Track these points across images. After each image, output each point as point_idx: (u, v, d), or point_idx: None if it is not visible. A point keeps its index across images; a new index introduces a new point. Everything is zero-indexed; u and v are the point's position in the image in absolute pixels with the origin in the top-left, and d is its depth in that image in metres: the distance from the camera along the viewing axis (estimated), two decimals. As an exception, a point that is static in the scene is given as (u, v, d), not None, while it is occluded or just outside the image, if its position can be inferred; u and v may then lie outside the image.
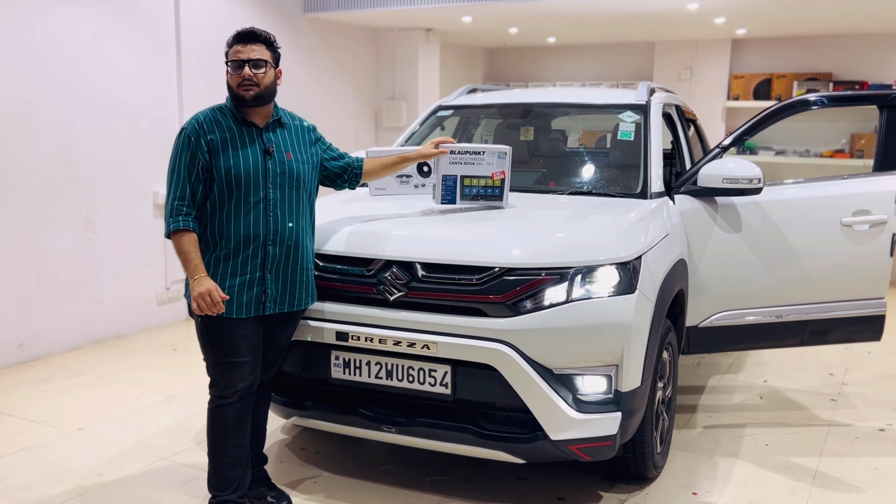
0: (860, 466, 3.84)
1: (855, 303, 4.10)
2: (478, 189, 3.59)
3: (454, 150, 3.56)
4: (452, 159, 3.56)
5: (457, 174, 3.57)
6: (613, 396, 3.08)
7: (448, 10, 7.13)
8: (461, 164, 3.58)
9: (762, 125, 4.10)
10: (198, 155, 2.95)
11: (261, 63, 2.96)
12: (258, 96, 2.97)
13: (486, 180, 3.60)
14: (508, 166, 3.63)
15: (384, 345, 3.15)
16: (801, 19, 7.50)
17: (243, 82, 2.94)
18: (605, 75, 9.85)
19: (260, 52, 2.98)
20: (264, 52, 2.99)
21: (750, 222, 4.01)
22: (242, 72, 2.94)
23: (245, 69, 2.94)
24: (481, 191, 3.60)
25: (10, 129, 5.05)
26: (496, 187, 3.62)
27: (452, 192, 3.59)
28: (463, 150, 3.58)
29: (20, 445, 3.94)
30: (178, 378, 4.94)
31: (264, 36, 3.02)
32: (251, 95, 2.96)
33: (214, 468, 3.10)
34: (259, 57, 2.96)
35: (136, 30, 5.82)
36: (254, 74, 2.94)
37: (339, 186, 3.41)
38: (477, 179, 3.58)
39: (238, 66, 2.95)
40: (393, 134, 8.38)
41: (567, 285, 3.03)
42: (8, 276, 5.10)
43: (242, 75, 2.94)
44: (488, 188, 3.61)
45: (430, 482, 3.57)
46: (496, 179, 3.57)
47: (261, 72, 2.96)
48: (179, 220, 2.94)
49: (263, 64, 2.97)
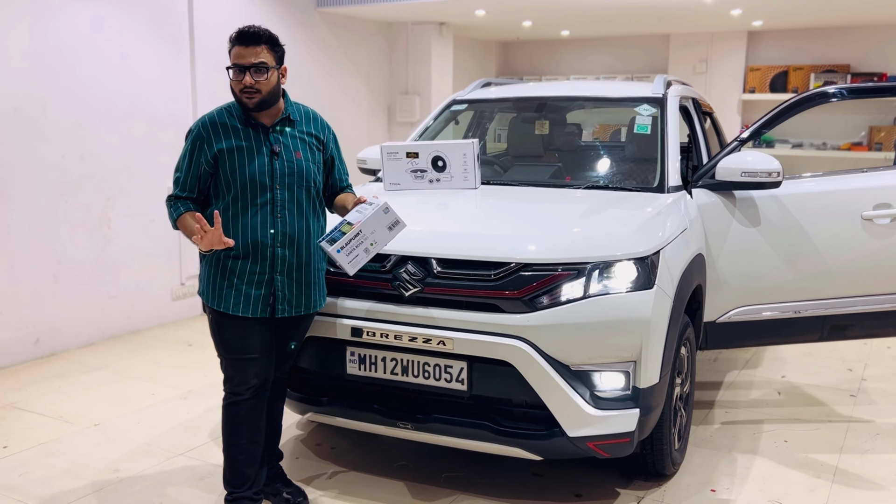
0: (881, 463, 3.79)
1: (876, 298, 4.05)
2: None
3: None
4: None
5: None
6: (631, 393, 3.05)
7: (461, 4, 7.10)
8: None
9: (781, 118, 4.05)
10: (201, 160, 2.93)
11: (263, 68, 2.86)
12: (262, 102, 2.91)
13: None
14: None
15: (400, 341, 3.14)
16: (817, 10, 7.42)
17: (245, 89, 2.87)
18: (620, 69, 9.78)
19: (262, 55, 2.86)
20: (267, 55, 2.88)
21: (769, 216, 3.96)
22: (244, 78, 2.86)
23: (246, 77, 2.85)
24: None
25: (26, 126, 5.07)
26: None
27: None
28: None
29: (37, 441, 3.95)
30: (194, 373, 4.95)
31: (267, 36, 2.90)
32: (254, 103, 2.90)
33: (230, 465, 3.10)
34: (261, 61, 2.86)
35: (150, 26, 5.82)
36: (255, 82, 2.86)
37: None
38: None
39: (239, 72, 2.87)
40: (406, 128, 8.36)
41: (584, 281, 3.00)
42: (24, 272, 5.12)
43: (244, 82, 2.86)
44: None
45: (445, 478, 3.56)
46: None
47: (263, 78, 2.86)
48: (180, 207, 2.95)
49: (265, 69, 2.87)
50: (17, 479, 3.56)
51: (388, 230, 2.96)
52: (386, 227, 2.96)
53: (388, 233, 2.97)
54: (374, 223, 2.93)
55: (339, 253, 2.88)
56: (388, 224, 2.96)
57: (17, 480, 3.55)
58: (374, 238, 2.94)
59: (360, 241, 2.91)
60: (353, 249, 2.90)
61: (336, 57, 7.80)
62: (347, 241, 2.89)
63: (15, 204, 5.04)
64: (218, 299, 2.97)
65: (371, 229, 2.93)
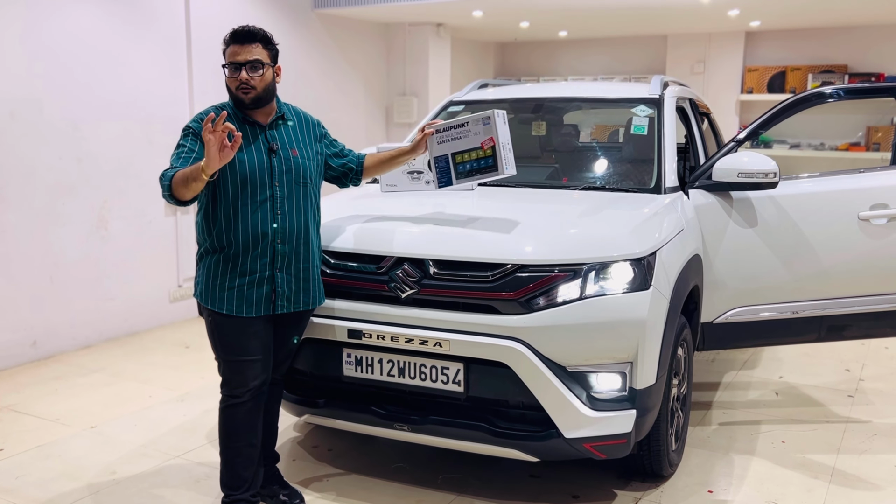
0: (879, 463, 3.79)
1: (873, 298, 4.05)
2: (471, 163, 3.34)
3: (439, 129, 3.34)
4: (439, 138, 3.34)
5: (447, 153, 3.34)
6: (628, 394, 3.05)
7: (459, 5, 7.09)
8: (449, 142, 3.34)
9: (778, 118, 4.05)
10: (195, 149, 2.92)
11: (258, 65, 2.92)
12: (257, 98, 2.95)
13: (476, 152, 3.34)
14: (498, 130, 3.30)
15: (396, 342, 3.13)
16: (815, 11, 7.42)
17: (241, 85, 2.92)
18: (617, 69, 9.78)
19: (257, 52, 2.92)
20: (261, 53, 2.94)
21: (765, 217, 3.96)
22: (240, 75, 2.91)
23: (242, 73, 2.91)
24: (474, 164, 3.33)
25: (23, 128, 5.06)
26: (488, 157, 3.31)
27: (447, 174, 3.36)
28: (447, 126, 3.35)
29: (34, 443, 3.95)
30: (191, 376, 4.95)
31: (261, 34, 2.97)
32: (249, 99, 2.94)
33: (227, 467, 3.10)
34: (256, 58, 2.91)
35: (147, 28, 5.81)
36: (251, 77, 2.91)
37: (343, 184, 3.39)
38: (468, 154, 3.34)
39: (235, 69, 2.92)
40: (404, 129, 8.36)
41: (581, 282, 3.00)
42: (21, 274, 5.11)
43: (240, 79, 2.91)
44: (481, 160, 3.33)
45: (442, 480, 3.55)
46: (486, 149, 3.32)
47: (258, 74, 2.92)
48: (168, 173, 2.85)
49: (261, 66, 2.93)
50: (13, 482, 3.55)
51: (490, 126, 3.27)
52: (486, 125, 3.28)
53: (500, 126, 3.28)
54: (501, 128, 3.27)
55: (507, 170, 3.25)
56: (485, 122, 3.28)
57: (14, 483, 3.55)
58: (504, 139, 3.28)
59: (505, 148, 3.29)
60: (507, 155, 3.28)
61: (333, 58, 7.80)
62: (503, 154, 3.26)
63: (12, 206, 5.03)
64: (219, 301, 2.97)
65: (503, 134, 3.28)
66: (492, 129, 3.28)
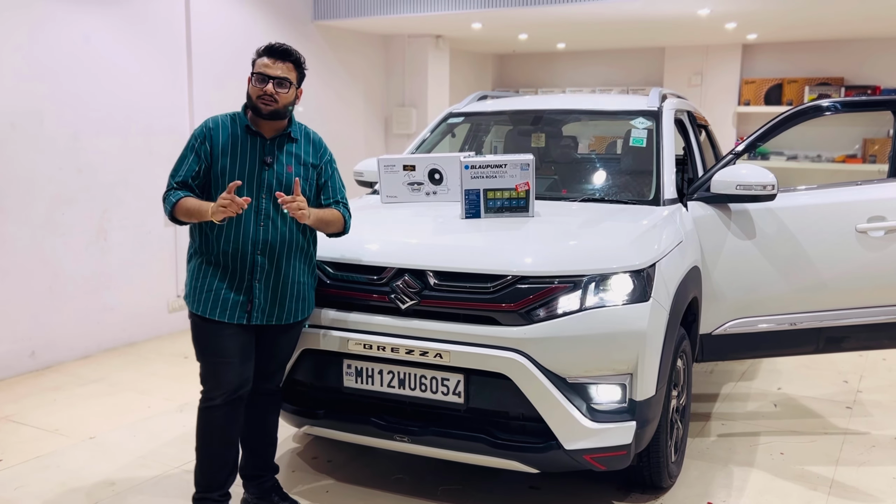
0: (877, 475, 3.80)
1: (871, 310, 4.06)
2: (502, 202, 3.57)
3: (474, 165, 3.55)
4: (474, 174, 3.55)
5: (479, 188, 3.56)
6: (628, 405, 3.05)
7: (458, 17, 7.13)
8: (483, 178, 3.56)
9: (775, 131, 4.07)
10: (201, 153, 3.00)
11: (285, 83, 2.98)
12: (275, 112, 2.99)
13: (510, 192, 3.58)
14: (532, 177, 3.59)
15: (396, 353, 3.14)
16: (812, 24, 7.47)
17: (263, 96, 2.96)
18: (615, 81, 9.82)
19: (287, 71, 3.00)
20: (291, 72, 3.01)
21: (764, 229, 3.98)
22: (265, 87, 2.96)
23: (269, 85, 2.96)
24: (506, 203, 3.58)
25: (23, 139, 5.07)
26: (521, 199, 3.59)
27: (476, 206, 3.58)
28: (484, 164, 3.57)
29: (32, 454, 3.94)
30: (190, 386, 4.93)
31: (296, 56, 3.04)
32: (268, 111, 2.98)
33: (200, 468, 3.15)
34: (285, 76, 2.98)
35: (147, 39, 5.84)
36: (276, 92, 2.96)
37: None
38: (500, 192, 3.57)
39: (262, 80, 2.97)
40: (403, 141, 8.38)
41: (580, 293, 3.01)
42: (20, 285, 5.11)
43: (265, 90, 2.96)
44: (513, 199, 3.59)
45: (442, 491, 3.55)
46: (520, 191, 3.55)
47: (283, 91, 2.98)
48: (179, 193, 2.97)
49: (288, 84, 2.99)
50: (12, 493, 3.54)
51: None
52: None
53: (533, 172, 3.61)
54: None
55: (534, 211, 3.57)
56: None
57: (13, 494, 3.54)
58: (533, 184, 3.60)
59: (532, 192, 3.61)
60: (534, 199, 3.60)
61: (333, 69, 7.83)
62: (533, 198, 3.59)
63: (11, 217, 5.03)
64: (198, 303, 3.04)
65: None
66: (528, 174, 3.55)
